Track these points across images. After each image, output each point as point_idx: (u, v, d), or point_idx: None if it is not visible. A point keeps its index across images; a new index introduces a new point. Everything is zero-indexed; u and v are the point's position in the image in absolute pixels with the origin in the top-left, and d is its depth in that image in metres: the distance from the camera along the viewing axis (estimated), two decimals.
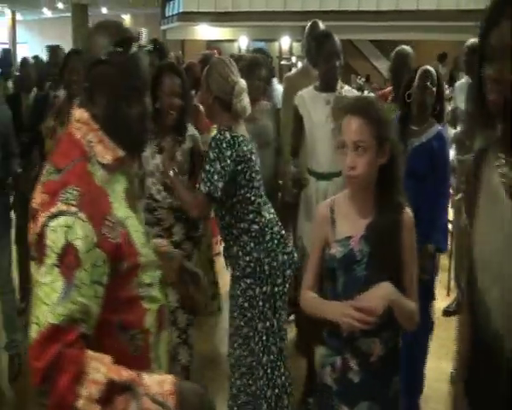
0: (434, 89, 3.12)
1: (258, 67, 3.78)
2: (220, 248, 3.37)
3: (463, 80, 4.78)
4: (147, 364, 1.42)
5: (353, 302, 1.80)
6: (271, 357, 2.72)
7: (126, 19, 21.18)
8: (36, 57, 5.37)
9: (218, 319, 4.52)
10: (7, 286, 3.82)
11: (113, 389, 1.20)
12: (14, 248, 4.03)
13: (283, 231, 2.83)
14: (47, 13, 20.41)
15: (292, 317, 4.23)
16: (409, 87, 3.16)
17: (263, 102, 3.93)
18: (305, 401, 3.42)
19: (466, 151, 4.10)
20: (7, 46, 19.79)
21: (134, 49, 1.39)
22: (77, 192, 1.28)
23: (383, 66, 16.21)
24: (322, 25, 4.16)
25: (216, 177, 2.55)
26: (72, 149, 1.37)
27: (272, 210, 2.84)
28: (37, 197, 1.34)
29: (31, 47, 18.53)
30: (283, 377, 2.77)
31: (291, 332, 4.17)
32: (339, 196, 2.07)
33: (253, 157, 2.71)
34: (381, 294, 1.81)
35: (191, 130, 3.17)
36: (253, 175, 2.69)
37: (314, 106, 3.30)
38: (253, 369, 2.74)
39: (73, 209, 1.26)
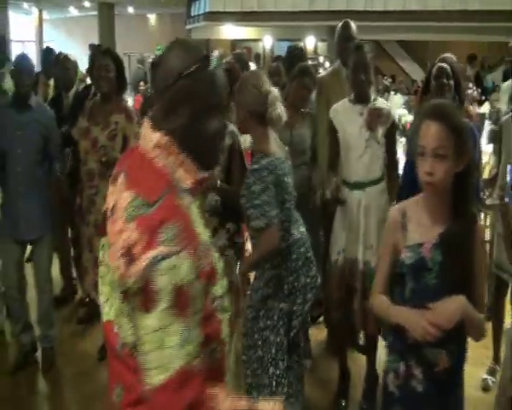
0: (451, 81, 3.13)
1: (304, 74, 3.80)
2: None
3: (509, 82, 4.65)
4: (222, 374, 1.42)
5: (430, 317, 1.78)
6: (277, 372, 2.70)
7: (152, 18, 21.34)
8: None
9: None
10: (46, 285, 3.89)
11: None
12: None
13: (309, 254, 2.81)
14: (73, 11, 20.63)
15: (320, 318, 4.25)
16: (427, 87, 3.19)
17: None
18: (338, 403, 3.43)
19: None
20: (33, 44, 20.16)
21: (213, 65, 1.36)
22: (175, 229, 1.25)
23: (409, 67, 16.13)
24: (353, 24, 4.08)
25: (267, 208, 2.55)
26: (157, 179, 1.33)
27: (302, 228, 2.82)
28: (130, 233, 1.26)
29: (57, 45, 18.71)
30: (284, 397, 2.69)
31: (321, 333, 4.19)
32: (410, 201, 2.05)
33: (286, 179, 2.68)
34: (455, 307, 1.79)
35: (230, 127, 3.19)
36: (285, 197, 2.68)
37: (348, 118, 3.30)
38: (258, 377, 2.72)
39: (175, 249, 1.23)
